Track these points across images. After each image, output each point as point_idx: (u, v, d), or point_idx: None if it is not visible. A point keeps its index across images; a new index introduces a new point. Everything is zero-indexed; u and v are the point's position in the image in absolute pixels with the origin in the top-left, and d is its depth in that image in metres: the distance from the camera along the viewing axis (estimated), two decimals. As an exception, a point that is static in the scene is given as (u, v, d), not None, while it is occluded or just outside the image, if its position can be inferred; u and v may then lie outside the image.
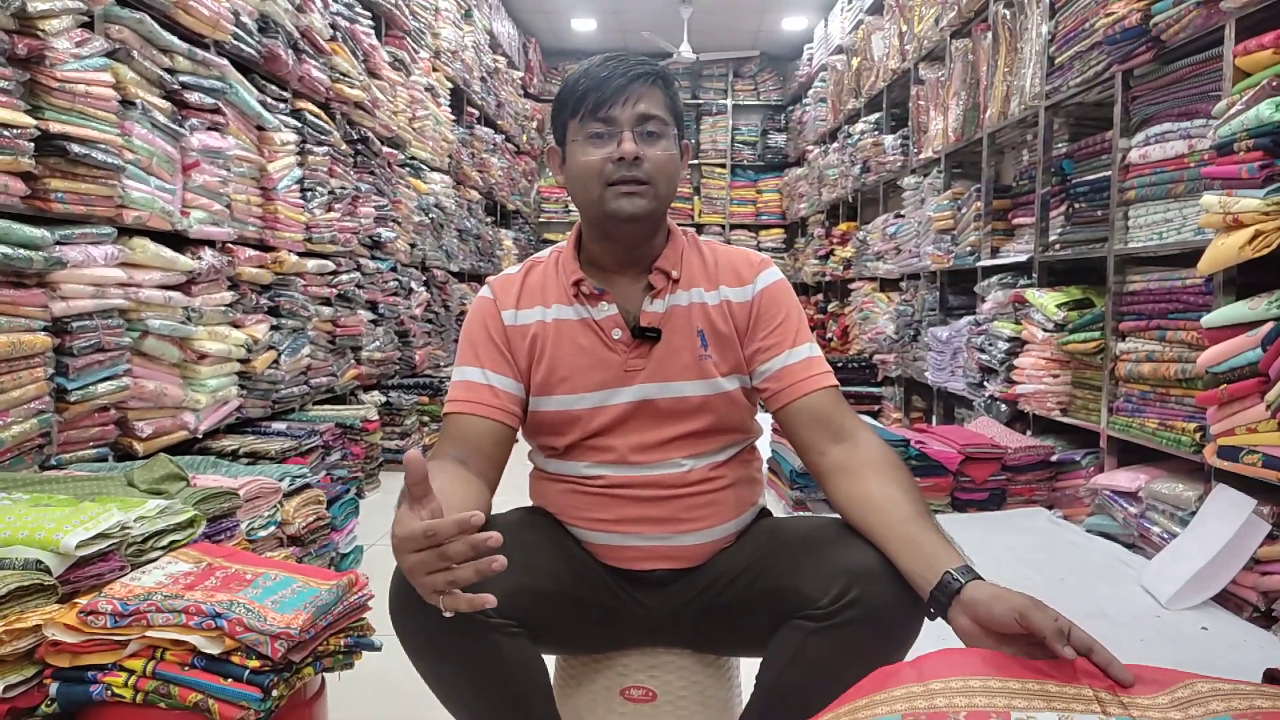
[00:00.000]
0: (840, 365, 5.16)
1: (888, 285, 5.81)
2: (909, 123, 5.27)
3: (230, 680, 1.20)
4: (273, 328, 3.09)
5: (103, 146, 2.14)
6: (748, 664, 1.26)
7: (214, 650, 1.22)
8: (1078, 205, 3.23)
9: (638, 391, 1.23)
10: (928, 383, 4.66)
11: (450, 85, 5.71)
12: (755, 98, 9.52)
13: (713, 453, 1.25)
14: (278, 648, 1.20)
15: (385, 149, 4.42)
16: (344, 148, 3.85)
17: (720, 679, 1.32)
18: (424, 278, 5.14)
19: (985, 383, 3.84)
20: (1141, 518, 2.59)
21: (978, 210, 4.16)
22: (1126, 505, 2.67)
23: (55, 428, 2.05)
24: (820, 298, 7.64)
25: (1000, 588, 0.93)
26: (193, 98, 2.57)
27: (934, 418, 4.70)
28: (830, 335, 6.96)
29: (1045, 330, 3.26)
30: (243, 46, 2.93)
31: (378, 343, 4.27)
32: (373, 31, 4.26)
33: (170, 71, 2.49)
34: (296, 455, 2.72)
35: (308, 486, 2.42)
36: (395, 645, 1.11)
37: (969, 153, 4.42)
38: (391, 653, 1.19)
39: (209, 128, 2.68)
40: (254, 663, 1.21)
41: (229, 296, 2.79)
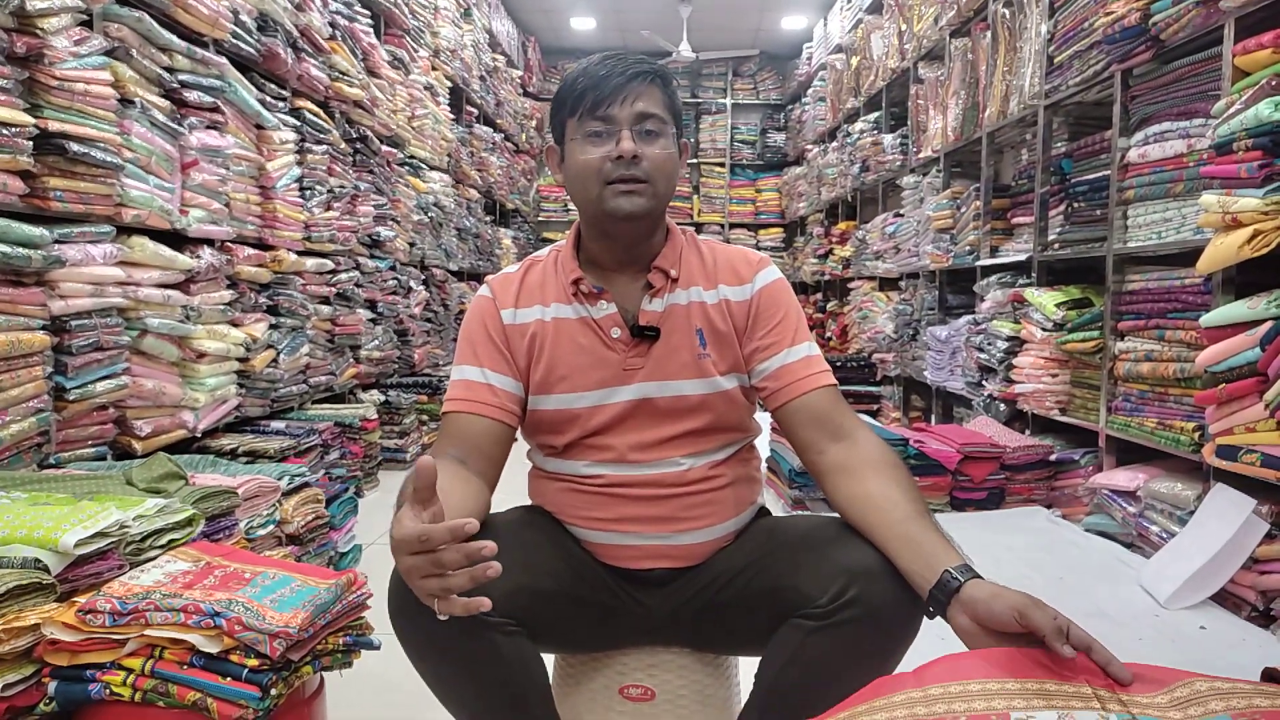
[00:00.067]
0: (839, 364, 5.16)
1: (887, 284, 5.81)
2: (908, 122, 5.27)
3: (229, 679, 1.21)
4: (271, 326, 3.09)
5: (101, 145, 2.14)
6: (747, 663, 1.26)
7: (212, 649, 1.22)
8: (1077, 204, 3.23)
9: (636, 390, 1.23)
10: (927, 382, 4.67)
11: (449, 84, 5.71)
12: (754, 97, 9.51)
13: (711, 451, 1.25)
14: (276, 646, 1.20)
15: (384, 148, 4.42)
16: (343, 146, 3.85)
17: (719, 678, 1.32)
18: (423, 277, 5.14)
19: (984, 382, 3.84)
20: (1140, 517, 2.59)
21: (977, 209, 4.16)
22: (1125, 504, 2.67)
23: (54, 426, 2.04)
24: (819, 297, 7.65)
25: (999, 586, 0.93)
26: (191, 96, 2.57)
27: (933, 417, 4.70)
28: (829, 334, 6.97)
29: (1044, 329, 3.26)
30: (241, 45, 2.92)
31: (376, 341, 4.27)
32: (372, 30, 4.26)
33: (169, 70, 2.49)
34: (295, 454, 2.72)
35: (306, 485, 2.42)
36: (394, 644, 1.11)
37: (968, 152, 4.42)
38: (390, 652, 1.19)
39: (208, 126, 2.67)
40: (253, 661, 1.21)
41: (228, 295, 2.78)
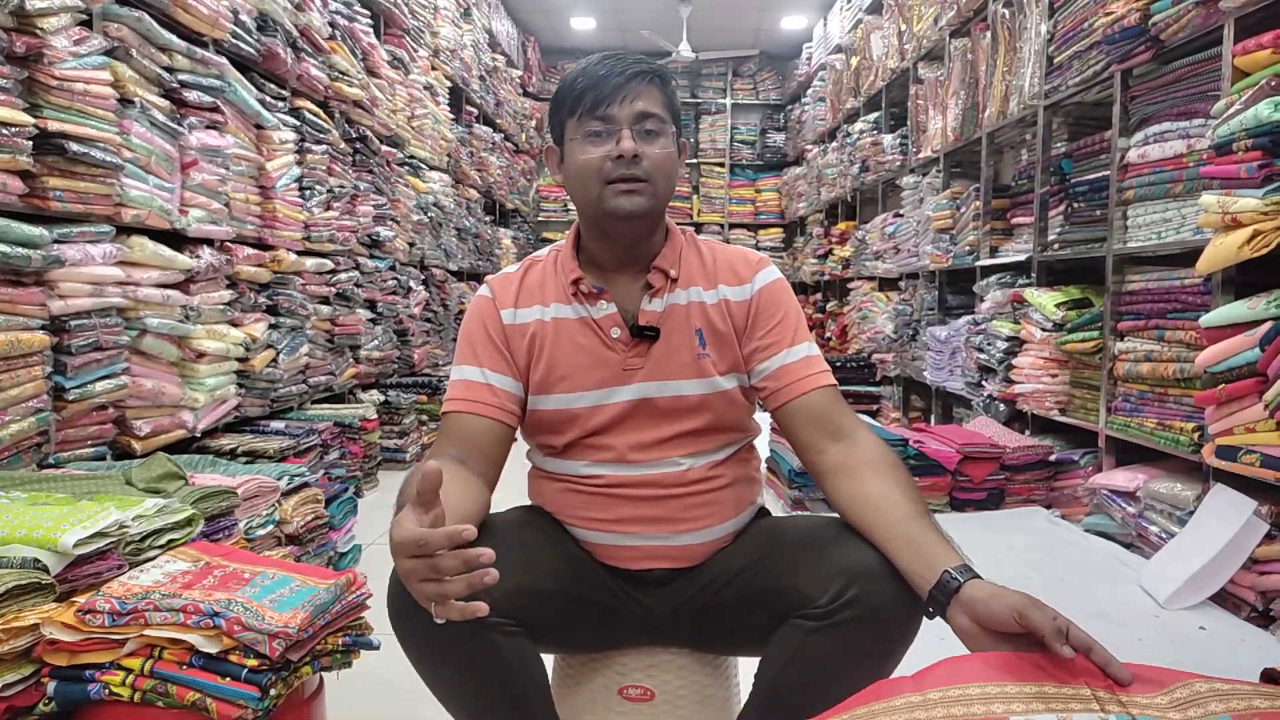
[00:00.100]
0: (839, 365, 5.16)
1: (886, 285, 5.81)
2: (908, 122, 5.27)
3: (228, 679, 1.21)
4: (271, 326, 3.09)
5: (101, 145, 2.14)
6: (746, 663, 1.26)
7: (212, 649, 1.22)
8: (1076, 205, 3.23)
9: (636, 390, 1.23)
10: (926, 382, 4.67)
11: (449, 84, 5.70)
12: (754, 97, 9.51)
13: (711, 451, 1.25)
14: (276, 647, 1.20)
15: (384, 148, 4.42)
16: (342, 146, 3.85)
17: (719, 678, 1.32)
18: (422, 276, 5.14)
19: (984, 382, 3.84)
20: (1140, 517, 2.59)
21: (976, 210, 4.16)
22: (1125, 505, 2.67)
23: (53, 426, 2.04)
24: (819, 297, 7.65)
25: (999, 587, 0.93)
26: (191, 96, 2.57)
27: (932, 417, 4.70)
28: (829, 335, 6.96)
29: (1044, 330, 3.26)
30: (241, 45, 2.92)
31: (376, 341, 4.27)
32: (371, 30, 4.26)
33: (169, 70, 2.49)
34: (295, 454, 2.72)
35: (306, 485, 2.42)
36: (394, 644, 1.11)
37: (968, 152, 4.42)
38: (390, 652, 1.19)
39: (207, 126, 2.67)
40: (252, 662, 1.21)
41: (227, 295, 2.78)
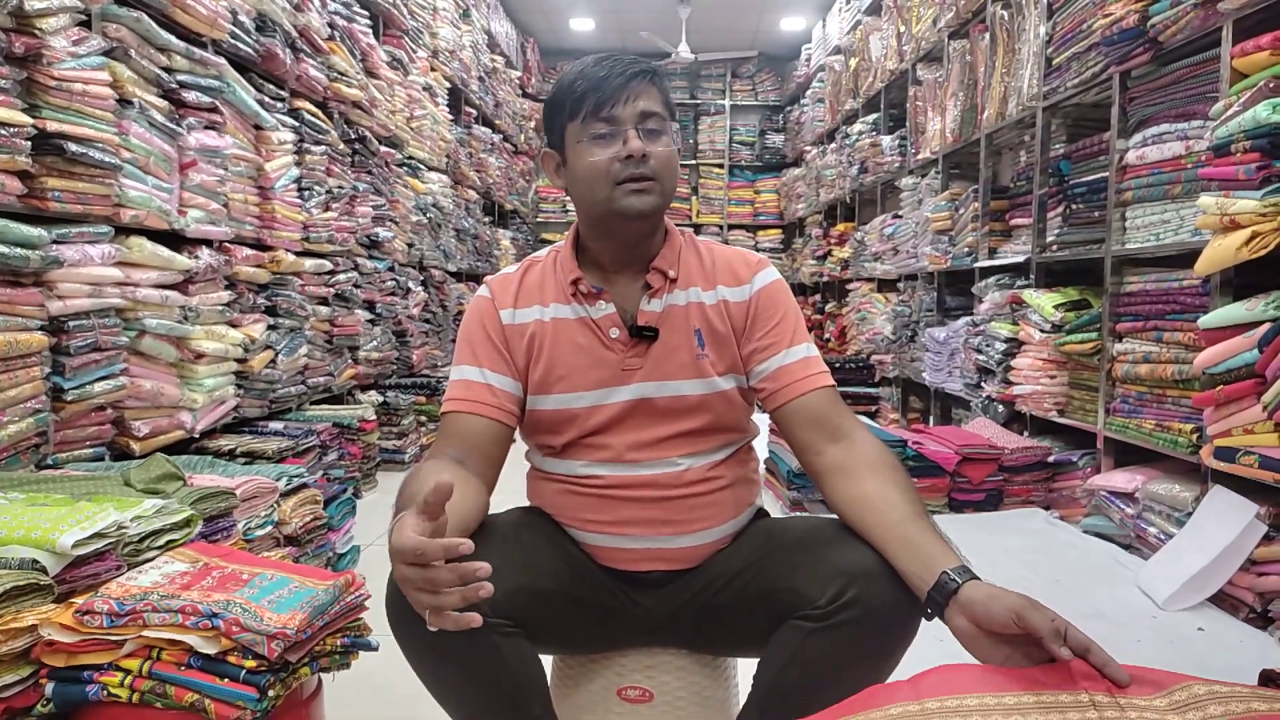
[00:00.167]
0: (838, 366, 5.16)
1: (885, 286, 5.82)
2: (907, 123, 5.28)
3: (226, 680, 1.20)
4: (270, 327, 3.08)
5: (100, 145, 2.14)
6: (745, 664, 1.26)
7: (210, 650, 1.22)
8: (1075, 206, 3.23)
9: (635, 390, 1.23)
10: (925, 383, 4.67)
11: (448, 85, 5.71)
12: (753, 98, 9.52)
13: (710, 452, 1.25)
14: (274, 648, 1.20)
15: (383, 148, 4.42)
16: (341, 147, 3.85)
17: (718, 679, 1.32)
18: (421, 277, 5.14)
19: (982, 383, 3.84)
20: (1138, 519, 2.59)
21: (975, 211, 4.16)
22: (1123, 506, 2.67)
23: (52, 427, 2.04)
24: (818, 298, 7.65)
25: (997, 588, 0.93)
26: (190, 96, 2.57)
27: (931, 418, 4.71)
28: (828, 336, 6.97)
29: (1042, 331, 3.26)
30: (240, 45, 2.92)
31: (375, 342, 4.27)
32: (370, 31, 4.26)
33: (168, 70, 2.49)
34: (293, 455, 2.72)
35: (305, 486, 2.42)
36: (392, 645, 1.10)
37: (967, 153, 4.42)
38: (389, 653, 1.19)
39: (206, 126, 2.67)
40: (250, 663, 1.21)
41: (226, 296, 2.78)
